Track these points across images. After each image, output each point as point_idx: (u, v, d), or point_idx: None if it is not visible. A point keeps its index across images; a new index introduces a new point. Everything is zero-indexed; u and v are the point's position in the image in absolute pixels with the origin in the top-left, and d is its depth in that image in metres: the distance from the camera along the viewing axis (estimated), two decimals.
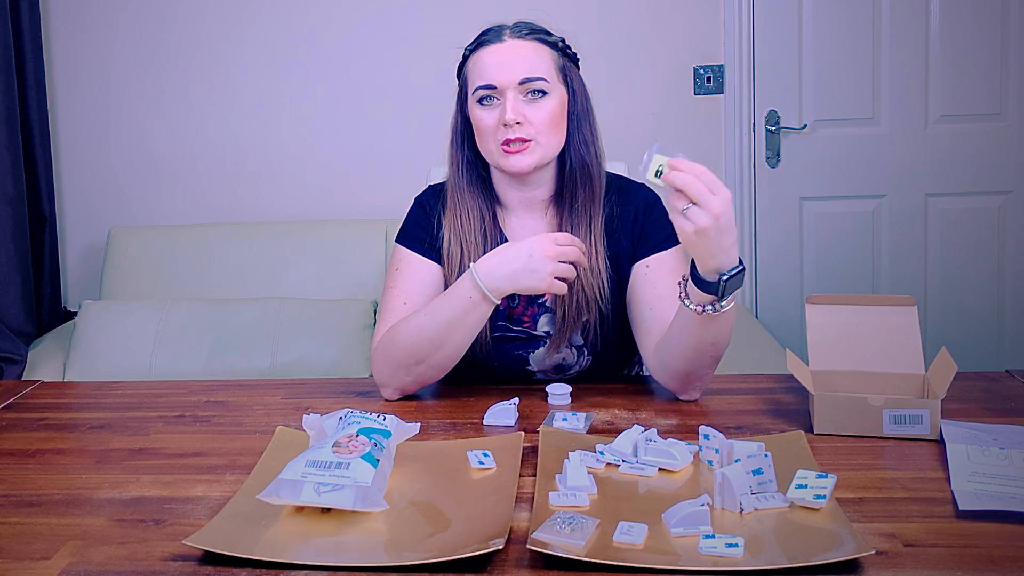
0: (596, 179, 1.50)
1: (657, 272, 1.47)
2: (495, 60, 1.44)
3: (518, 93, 1.43)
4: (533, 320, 1.51)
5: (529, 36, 1.47)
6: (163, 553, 0.96)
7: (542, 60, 1.45)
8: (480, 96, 1.45)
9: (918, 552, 0.92)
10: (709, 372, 1.38)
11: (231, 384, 1.56)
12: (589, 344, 1.50)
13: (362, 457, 1.04)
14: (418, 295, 1.49)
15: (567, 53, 1.50)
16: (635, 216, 1.52)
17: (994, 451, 1.11)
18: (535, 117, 1.43)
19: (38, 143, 2.89)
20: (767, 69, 3.05)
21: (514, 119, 1.42)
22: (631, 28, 3.00)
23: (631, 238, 1.51)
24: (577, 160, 1.49)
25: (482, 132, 1.46)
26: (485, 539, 0.93)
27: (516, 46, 1.45)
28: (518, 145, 1.43)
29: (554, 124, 1.45)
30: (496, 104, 1.44)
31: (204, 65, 3.04)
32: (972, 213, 3.08)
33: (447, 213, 1.52)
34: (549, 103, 1.44)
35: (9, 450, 1.28)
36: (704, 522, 0.95)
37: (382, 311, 1.50)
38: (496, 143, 1.44)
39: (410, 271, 1.51)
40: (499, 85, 1.43)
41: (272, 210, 3.06)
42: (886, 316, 1.34)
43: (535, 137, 1.43)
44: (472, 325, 1.39)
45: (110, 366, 2.51)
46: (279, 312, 2.60)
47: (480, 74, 1.45)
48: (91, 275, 3.09)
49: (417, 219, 1.56)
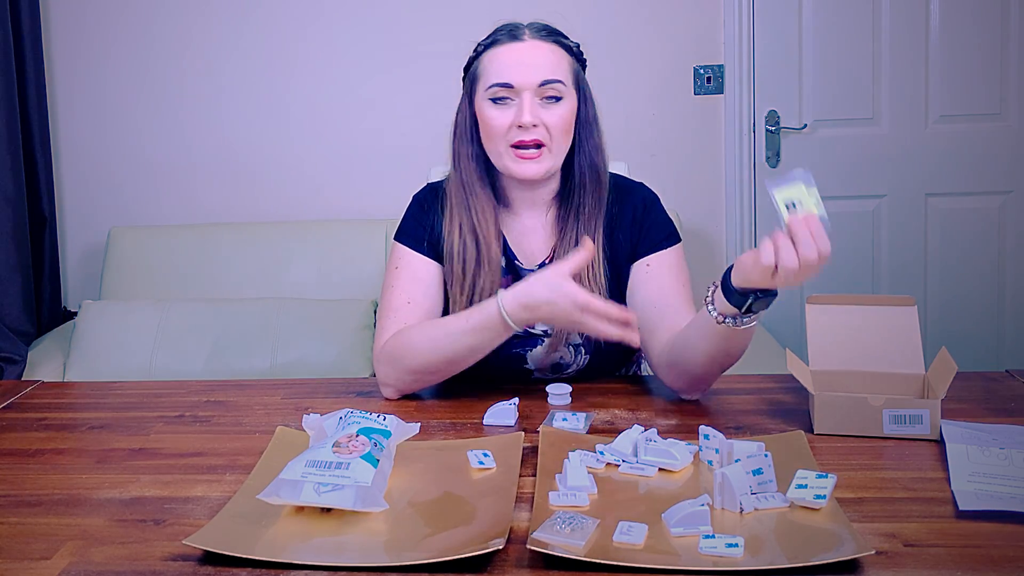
0: (603, 184, 1.50)
1: (658, 271, 1.47)
2: (515, 59, 1.42)
3: (535, 95, 1.41)
4: None
5: (548, 38, 1.45)
6: (163, 553, 0.96)
7: (560, 63, 1.44)
8: (494, 95, 1.43)
9: (918, 552, 0.92)
10: (716, 377, 1.37)
11: (231, 384, 1.56)
12: (587, 343, 1.50)
13: (362, 457, 1.04)
14: (421, 294, 1.48)
15: (580, 59, 1.49)
16: (633, 215, 1.51)
17: (994, 451, 1.11)
18: (550, 121, 1.42)
19: (38, 143, 2.89)
20: (767, 69, 3.05)
21: (531, 121, 1.40)
22: (631, 28, 3.00)
23: (630, 237, 1.51)
24: (588, 165, 1.48)
25: (492, 131, 1.44)
26: (485, 539, 0.93)
27: (537, 47, 1.43)
28: (532, 151, 1.42)
29: (566, 130, 1.44)
30: (510, 104, 1.42)
31: (204, 65, 3.04)
32: (972, 213, 3.08)
33: (450, 208, 1.51)
34: (563, 108, 1.43)
35: (9, 450, 1.28)
36: (704, 522, 0.95)
37: (384, 310, 1.49)
38: (506, 144, 1.43)
39: (410, 270, 1.50)
40: (517, 85, 1.41)
41: (272, 210, 3.06)
42: (886, 316, 1.34)
43: (548, 142, 1.42)
44: (490, 347, 1.38)
45: (110, 366, 2.51)
46: (279, 312, 2.60)
47: (498, 72, 1.42)
48: (91, 275, 3.08)
49: (416, 217, 1.54)
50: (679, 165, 3.04)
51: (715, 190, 3.09)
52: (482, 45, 1.47)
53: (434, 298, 1.50)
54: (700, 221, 3.07)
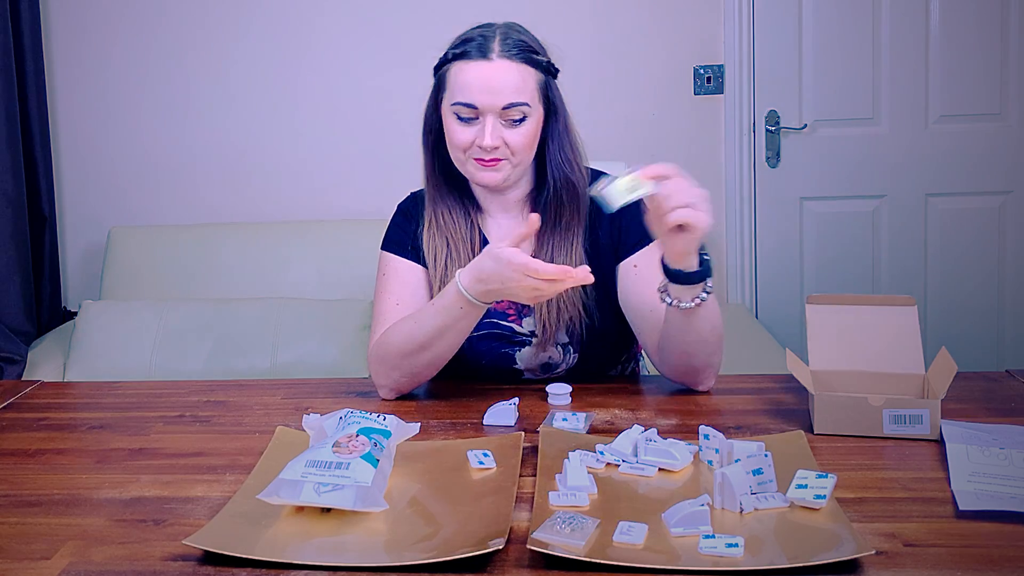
0: (581, 196, 1.50)
1: (646, 271, 1.46)
2: (480, 81, 1.41)
3: (498, 117, 1.42)
4: (518, 315, 1.52)
5: (518, 56, 1.43)
6: (163, 553, 0.96)
7: (527, 83, 1.43)
8: (458, 112, 1.44)
9: (918, 552, 0.92)
10: (718, 355, 1.39)
11: (231, 384, 1.56)
12: (575, 341, 1.50)
13: (362, 457, 1.04)
14: (409, 296, 1.51)
15: (550, 70, 1.49)
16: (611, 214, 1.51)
17: (994, 451, 1.11)
18: (512, 140, 1.43)
19: (38, 143, 2.89)
20: (767, 69, 3.05)
21: (492, 144, 1.41)
22: (631, 28, 2.99)
23: (609, 231, 1.51)
24: (560, 178, 1.49)
25: (455, 144, 1.46)
26: (485, 539, 0.93)
27: (504, 68, 1.42)
28: (490, 163, 1.44)
29: (529, 146, 1.46)
30: (474, 123, 1.43)
31: (204, 65, 3.04)
32: (972, 213, 3.08)
33: (428, 210, 1.54)
34: (526, 127, 1.44)
35: (9, 450, 1.28)
36: (704, 522, 0.95)
37: (376, 315, 1.52)
38: (468, 156, 1.45)
39: (397, 275, 1.53)
40: (481, 107, 1.42)
41: (272, 210, 3.06)
42: (886, 316, 1.34)
43: (509, 158, 1.45)
44: (462, 330, 1.38)
45: (110, 366, 2.51)
46: (279, 312, 2.60)
47: (462, 90, 1.42)
48: (91, 275, 3.08)
49: (400, 225, 1.58)
50: (679, 165, 3.03)
51: (715, 190, 3.08)
52: (451, 53, 1.46)
53: (423, 298, 1.51)
54: None
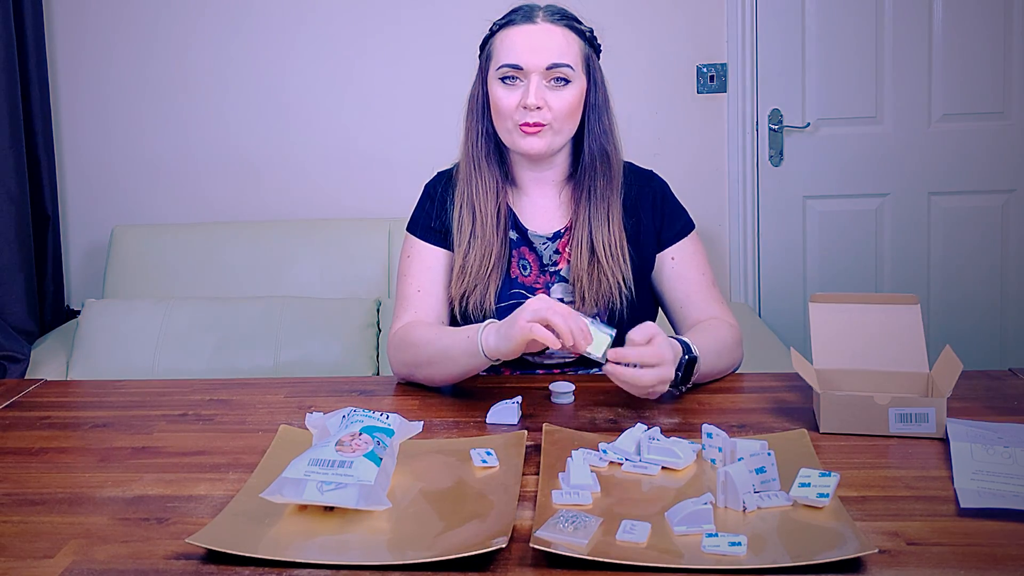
0: (615, 167, 1.54)
1: (682, 267, 1.55)
2: (525, 41, 1.46)
3: (542, 78, 1.45)
4: (547, 288, 1.54)
5: (561, 21, 1.48)
6: (166, 551, 0.97)
7: (571, 47, 1.47)
8: (504, 75, 1.47)
9: (921, 551, 0.92)
10: (737, 363, 1.51)
11: (234, 383, 1.56)
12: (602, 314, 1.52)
13: (365, 456, 1.04)
14: (429, 282, 1.54)
15: (593, 44, 1.53)
16: (653, 200, 1.57)
17: (998, 449, 1.11)
18: (555, 104, 1.46)
19: (41, 142, 2.90)
20: (770, 68, 3.04)
21: (535, 104, 1.44)
22: (634, 26, 2.99)
23: (653, 221, 1.56)
24: (597, 149, 1.52)
25: (500, 110, 1.48)
26: (488, 538, 0.93)
27: (548, 30, 1.47)
28: (534, 128, 1.45)
29: (572, 113, 1.48)
30: (518, 85, 1.46)
31: (207, 64, 3.04)
32: (975, 212, 3.07)
33: (460, 185, 1.55)
34: (570, 91, 1.47)
35: (12, 448, 1.29)
36: (707, 521, 0.95)
37: (398, 298, 1.56)
38: (514, 123, 1.47)
39: (420, 259, 1.56)
40: (526, 67, 1.45)
41: (275, 209, 3.06)
42: (889, 315, 1.34)
43: (551, 123, 1.46)
44: (471, 370, 1.40)
45: (113, 365, 2.51)
46: (282, 311, 2.60)
47: (508, 52, 1.46)
48: (94, 274, 3.09)
49: (425, 207, 1.60)
50: (682, 163, 3.03)
51: (718, 189, 3.08)
52: (497, 24, 1.52)
53: (444, 284, 1.55)
54: (703, 220, 3.04)
